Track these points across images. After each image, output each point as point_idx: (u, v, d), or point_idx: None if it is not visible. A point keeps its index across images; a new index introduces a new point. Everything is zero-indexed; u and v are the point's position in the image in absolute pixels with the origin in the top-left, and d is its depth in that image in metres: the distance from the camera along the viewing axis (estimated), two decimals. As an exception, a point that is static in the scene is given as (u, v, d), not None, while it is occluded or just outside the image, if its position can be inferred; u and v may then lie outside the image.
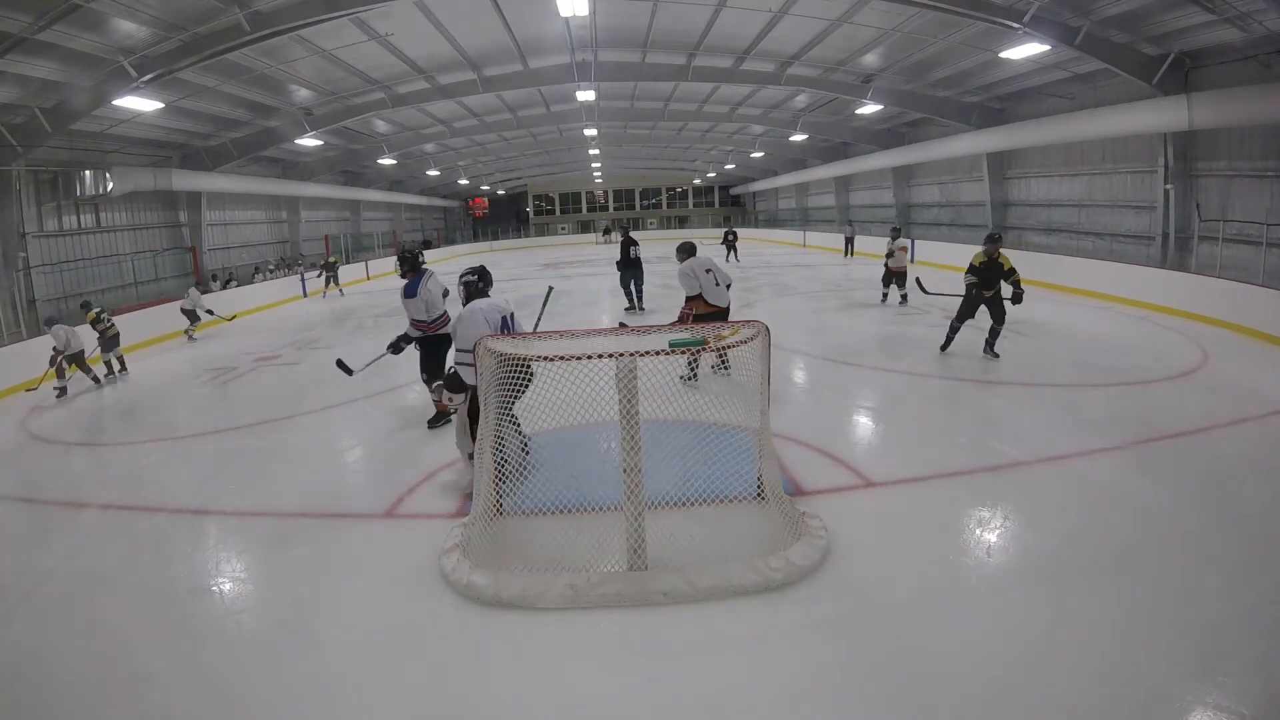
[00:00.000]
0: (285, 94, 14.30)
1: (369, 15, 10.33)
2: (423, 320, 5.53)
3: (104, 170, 13.56)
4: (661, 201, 44.10)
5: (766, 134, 24.05)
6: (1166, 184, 12.01)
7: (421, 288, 5.47)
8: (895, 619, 2.94)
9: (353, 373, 6.16)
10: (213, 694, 2.69)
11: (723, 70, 15.04)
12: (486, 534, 3.55)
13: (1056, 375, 6.81)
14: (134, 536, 4.19)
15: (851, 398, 6.50)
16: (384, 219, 31.55)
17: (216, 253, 18.51)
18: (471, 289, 4.66)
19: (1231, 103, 9.86)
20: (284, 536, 4.06)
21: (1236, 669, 2.55)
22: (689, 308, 6.48)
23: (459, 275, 4.78)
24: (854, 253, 21.64)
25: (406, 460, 5.10)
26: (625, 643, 2.92)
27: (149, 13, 9.10)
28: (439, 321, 5.57)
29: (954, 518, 3.85)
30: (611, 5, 11.30)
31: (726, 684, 2.61)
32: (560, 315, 12.65)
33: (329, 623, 3.13)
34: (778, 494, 3.76)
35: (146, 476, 5.23)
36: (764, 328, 3.69)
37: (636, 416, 3.15)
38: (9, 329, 10.99)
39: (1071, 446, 4.76)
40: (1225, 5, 8.92)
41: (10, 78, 10.05)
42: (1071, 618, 2.88)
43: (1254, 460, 4.60)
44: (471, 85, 14.92)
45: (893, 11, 10.85)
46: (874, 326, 9.77)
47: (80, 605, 3.39)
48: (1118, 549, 3.41)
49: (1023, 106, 15.14)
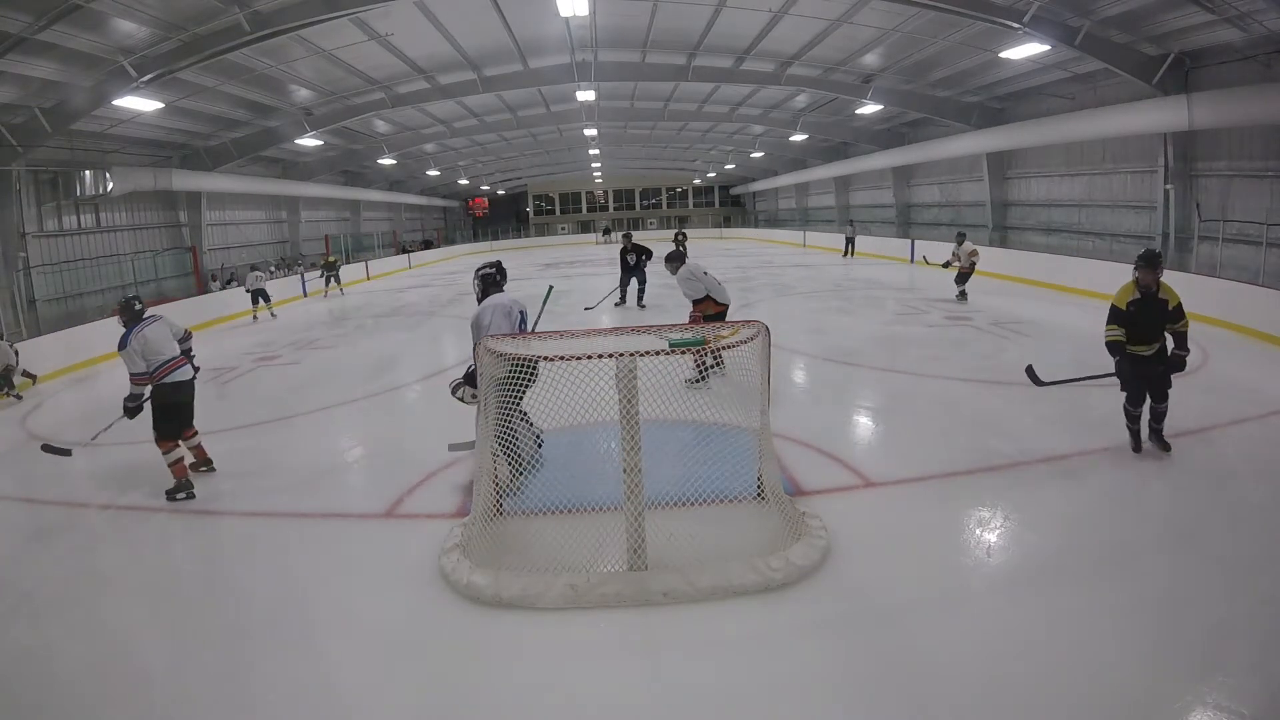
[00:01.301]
0: (285, 94, 14.31)
1: (369, 15, 10.34)
2: (141, 373, 4.69)
3: (104, 170, 13.56)
4: (661, 201, 44.08)
5: (766, 134, 24.06)
6: (1166, 184, 12.02)
7: (133, 338, 4.65)
8: (895, 619, 2.94)
9: (71, 453, 5.19)
10: (213, 694, 2.69)
11: (723, 70, 15.05)
12: (486, 534, 3.55)
13: (1056, 375, 6.80)
14: (134, 536, 4.19)
15: (851, 398, 6.50)
16: (384, 219, 31.56)
17: (216, 252, 18.51)
18: (489, 282, 4.63)
19: (1231, 103, 9.86)
20: (284, 536, 4.07)
21: (1236, 669, 2.55)
22: (699, 310, 6.54)
23: (475, 269, 4.74)
24: (854, 253, 21.65)
25: (406, 460, 5.09)
26: (625, 643, 2.92)
27: (149, 13, 9.10)
28: (166, 368, 4.75)
29: (954, 518, 3.85)
30: (611, 5, 11.31)
31: (727, 684, 2.61)
32: (560, 315, 12.64)
33: (329, 623, 3.13)
34: (778, 494, 3.76)
35: (146, 476, 5.23)
36: (764, 328, 3.69)
37: (636, 416, 3.15)
38: (9, 329, 10.99)
39: (1071, 446, 4.76)
40: (1225, 5, 8.92)
41: (10, 78, 10.05)
42: (1071, 618, 2.88)
43: (1254, 460, 4.60)
44: (471, 85, 14.93)
45: (893, 11, 10.85)
46: (874, 326, 9.77)
47: (80, 605, 3.39)
48: (1118, 549, 3.41)
49: (1023, 106, 15.14)
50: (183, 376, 4.81)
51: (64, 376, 9.25)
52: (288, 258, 22.08)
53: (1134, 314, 4.51)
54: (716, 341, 3.62)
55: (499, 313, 4.38)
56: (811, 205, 31.15)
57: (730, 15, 11.79)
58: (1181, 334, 4.54)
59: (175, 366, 4.79)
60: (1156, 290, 4.49)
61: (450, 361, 8.73)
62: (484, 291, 4.62)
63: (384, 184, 28.91)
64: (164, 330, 4.87)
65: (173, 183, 15.42)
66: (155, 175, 14.89)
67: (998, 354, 7.71)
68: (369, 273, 23.15)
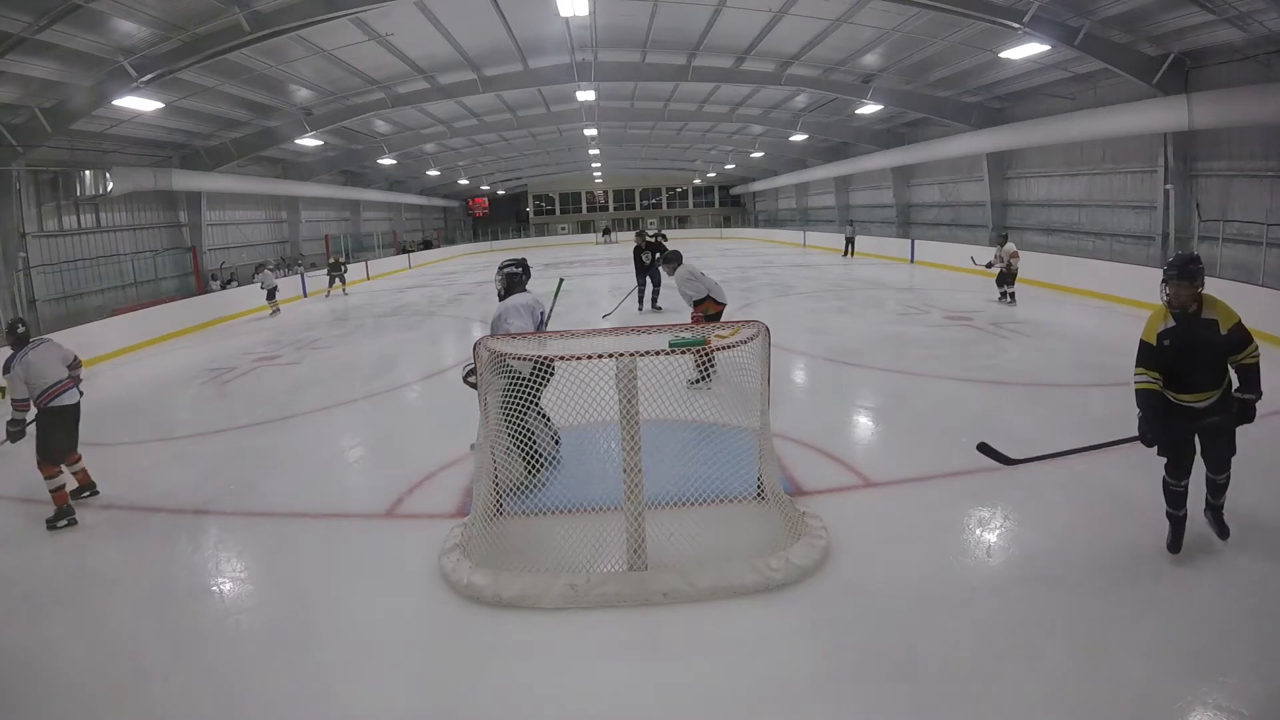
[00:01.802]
0: (285, 94, 14.30)
1: (369, 15, 10.33)
2: (22, 399, 4.61)
3: (104, 170, 13.55)
4: (661, 201, 44.08)
5: (766, 134, 24.05)
6: (1166, 184, 12.01)
7: (17, 362, 4.58)
8: (895, 619, 2.94)
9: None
10: (213, 694, 2.69)
11: (723, 70, 15.03)
12: (486, 534, 3.55)
13: (1056, 375, 6.81)
14: (134, 536, 4.19)
15: (851, 398, 6.50)
16: (384, 219, 31.55)
17: (216, 252, 18.50)
18: (513, 280, 4.59)
19: (1231, 103, 9.86)
20: (284, 536, 4.07)
21: (1236, 669, 2.55)
22: (700, 310, 6.57)
23: (500, 265, 4.69)
24: (854, 253, 21.66)
25: (406, 460, 5.09)
26: (625, 643, 2.92)
27: (149, 13, 9.09)
28: (51, 393, 4.64)
29: (954, 518, 3.85)
30: (611, 5, 11.30)
31: (726, 684, 2.61)
32: (561, 315, 12.63)
33: (329, 623, 3.13)
34: (778, 494, 3.77)
35: (146, 476, 5.23)
36: (764, 328, 3.69)
37: (636, 416, 3.15)
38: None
39: (1071, 446, 4.75)
40: (1225, 5, 8.92)
41: (10, 78, 10.04)
42: (1071, 618, 2.88)
43: (1254, 460, 4.59)
44: (471, 85, 14.92)
45: (893, 11, 10.85)
46: (874, 326, 9.77)
47: (80, 605, 3.39)
48: (1118, 549, 3.41)
49: (1023, 106, 15.13)
50: (68, 400, 4.72)
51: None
52: (288, 257, 22.08)
53: (1170, 348, 3.13)
54: (717, 342, 3.63)
55: (523, 312, 4.36)
56: (811, 205, 31.13)
57: (730, 15, 11.79)
58: (1250, 367, 3.16)
59: (60, 391, 4.67)
60: (1199, 310, 3.13)
61: (450, 362, 8.74)
62: (508, 289, 4.57)
63: (384, 184, 28.89)
64: (51, 354, 4.79)
65: (173, 183, 15.41)
66: (155, 175, 14.88)
67: (998, 354, 7.71)
68: (369, 273, 23.18)
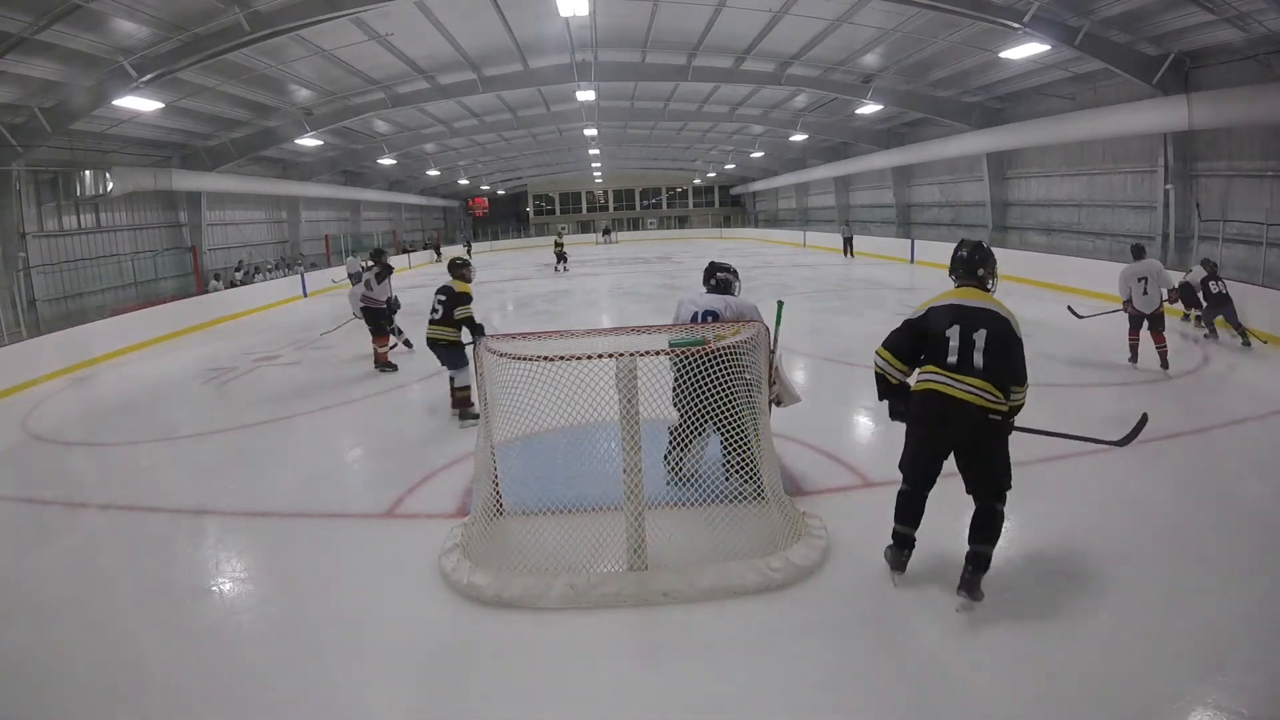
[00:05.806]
0: (285, 94, 14.30)
1: (369, 15, 10.33)
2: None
3: (104, 170, 13.54)
4: (661, 201, 44.08)
5: (766, 134, 24.05)
6: (1166, 184, 12.01)
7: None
8: (895, 619, 2.94)
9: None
10: (213, 694, 2.69)
11: (723, 70, 15.04)
12: (486, 534, 3.55)
13: (1056, 375, 6.81)
14: (134, 536, 4.19)
15: (851, 398, 6.49)
16: (384, 219, 31.54)
17: (216, 252, 18.50)
18: (722, 285, 4.37)
19: (1231, 103, 9.86)
20: (284, 536, 4.06)
21: (1236, 669, 2.55)
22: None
23: (711, 261, 4.50)
24: (854, 253, 21.66)
25: (406, 460, 5.10)
26: (625, 643, 2.92)
27: (149, 13, 9.09)
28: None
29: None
30: (611, 5, 11.30)
31: (726, 684, 2.61)
32: (561, 315, 12.66)
33: (329, 623, 3.13)
34: (778, 494, 3.76)
35: (146, 476, 5.23)
36: (764, 327, 3.69)
37: (637, 416, 3.15)
38: (9, 329, 10.98)
39: (1071, 446, 4.73)
40: (1225, 5, 8.92)
41: (10, 78, 10.04)
42: (1071, 617, 2.88)
43: (1254, 460, 4.60)
44: (471, 85, 14.92)
45: (893, 11, 10.85)
46: (874, 327, 9.70)
47: (80, 605, 3.39)
48: (1118, 549, 3.41)
49: (1023, 106, 15.14)
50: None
51: (64, 377, 9.25)
52: (287, 257, 22.08)
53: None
54: (718, 341, 3.62)
55: (686, 307, 4.23)
56: (811, 205, 31.15)
57: (730, 15, 11.79)
58: None
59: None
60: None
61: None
62: (724, 288, 4.37)
63: (384, 184, 28.88)
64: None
65: (173, 183, 15.40)
66: (155, 175, 14.87)
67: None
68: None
